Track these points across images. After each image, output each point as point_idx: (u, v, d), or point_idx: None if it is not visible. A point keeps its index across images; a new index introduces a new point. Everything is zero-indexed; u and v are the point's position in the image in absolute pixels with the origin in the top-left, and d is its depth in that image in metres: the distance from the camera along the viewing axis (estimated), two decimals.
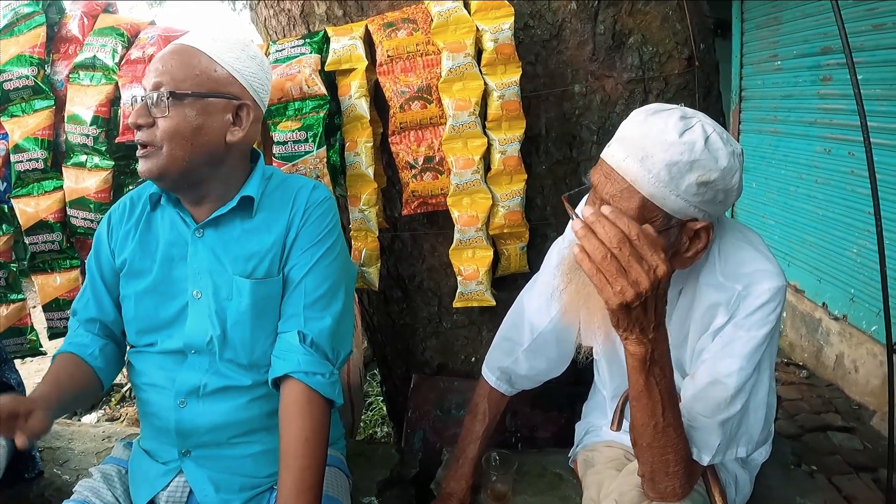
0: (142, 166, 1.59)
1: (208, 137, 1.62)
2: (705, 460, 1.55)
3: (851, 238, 4.54)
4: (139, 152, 1.59)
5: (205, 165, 1.63)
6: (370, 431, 3.89)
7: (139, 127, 1.58)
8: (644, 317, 1.32)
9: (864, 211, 4.30)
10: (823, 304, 4.87)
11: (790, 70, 5.28)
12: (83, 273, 2.51)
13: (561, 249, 1.93)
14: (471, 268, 2.28)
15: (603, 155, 1.52)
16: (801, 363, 5.07)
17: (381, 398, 3.92)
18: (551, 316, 1.90)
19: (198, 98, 1.60)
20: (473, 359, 2.60)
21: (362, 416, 3.94)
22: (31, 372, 5.30)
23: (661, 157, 1.40)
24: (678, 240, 1.51)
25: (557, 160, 2.39)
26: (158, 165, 1.58)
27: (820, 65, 4.86)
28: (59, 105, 2.45)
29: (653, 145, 1.41)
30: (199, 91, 1.61)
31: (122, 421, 4.24)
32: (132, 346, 1.79)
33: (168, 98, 1.57)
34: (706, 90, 2.41)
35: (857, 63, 2.38)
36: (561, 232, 2.01)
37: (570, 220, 1.62)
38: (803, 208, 5.16)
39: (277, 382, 1.63)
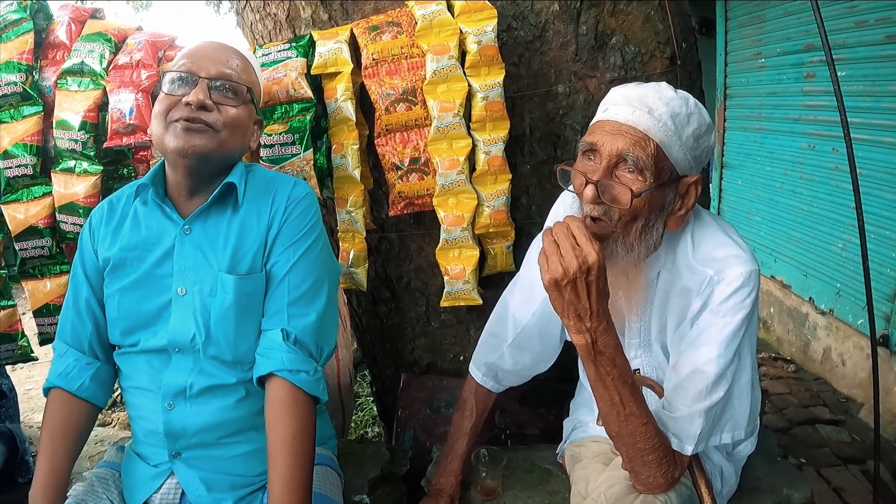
0: (188, 140, 1.60)
1: (247, 139, 1.76)
2: (688, 449, 1.58)
3: (836, 233, 4.57)
4: (185, 125, 1.60)
5: (230, 161, 1.72)
6: (361, 432, 3.90)
7: (203, 106, 1.61)
8: (577, 301, 1.44)
9: (849, 206, 4.30)
10: (810, 298, 4.90)
11: (774, 68, 5.31)
12: None
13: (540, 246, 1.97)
14: (457, 267, 2.30)
15: (603, 117, 1.59)
16: (788, 357, 5.10)
17: (372, 398, 3.93)
18: (533, 310, 1.94)
19: (253, 103, 1.76)
20: (462, 357, 2.62)
21: (353, 417, 3.95)
22: (22, 378, 5.28)
23: (665, 109, 1.52)
24: (674, 197, 1.59)
25: (542, 160, 2.41)
26: (211, 145, 1.63)
27: (803, 62, 4.90)
28: (48, 111, 2.44)
29: (654, 100, 1.53)
30: (256, 97, 1.77)
31: (114, 425, 4.23)
32: (118, 348, 1.79)
33: (248, 92, 1.70)
34: (688, 89, 2.41)
35: (839, 60, 2.42)
36: None
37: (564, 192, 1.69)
38: (789, 204, 5.19)
39: (262, 381, 1.64)
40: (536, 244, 2.01)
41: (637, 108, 1.53)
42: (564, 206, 1.90)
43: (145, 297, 1.70)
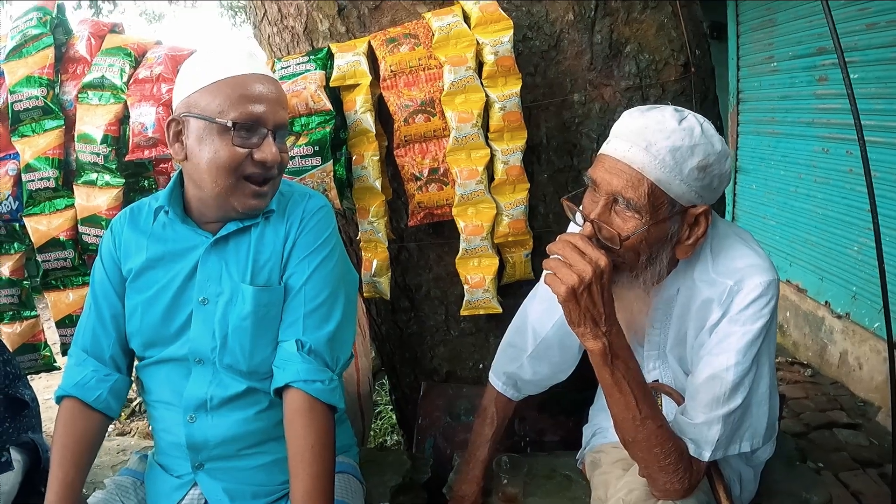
0: (259, 202, 1.65)
1: None
2: (706, 455, 1.58)
3: (852, 236, 4.56)
4: (258, 189, 1.63)
5: None
6: (380, 440, 3.90)
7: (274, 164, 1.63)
8: (592, 306, 1.46)
9: (864, 209, 4.29)
10: (826, 302, 4.89)
11: (786, 71, 5.31)
12: None
13: None
14: (477, 276, 2.31)
15: (603, 151, 1.59)
16: (805, 362, 5.08)
17: (391, 407, 3.93)
18: (553, 321, 1.93)
19: None
20: (481, 365, 2.62)
21: (372, 425, 3.95)
22: (41, 388, 5.29)
23: (664, 144, 1.49)
24: (680, 227, 1.58)
25: (559, 168, 2.43)
26: (272, 197, 1.69)
27: (815, 65, 4.89)
28: (69, 124, 2.46)
29: (654, 133, 1.50)
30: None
31: (134, 435, 4.26)
32: (140, 360, 1.80)
33: (294, 136, 1.73)
34: (703, 95, 2.44)
35: (851, 62, 2.42)
36: None
37: (571, 222, 1.69)
38: (803, 208, 5.17)
39: (280, 392, 1.64)
40: None
41: (635, 143, 1.51)
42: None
43: (169, 312, 1.71)
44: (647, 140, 1.50)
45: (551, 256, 1.52)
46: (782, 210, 5.52)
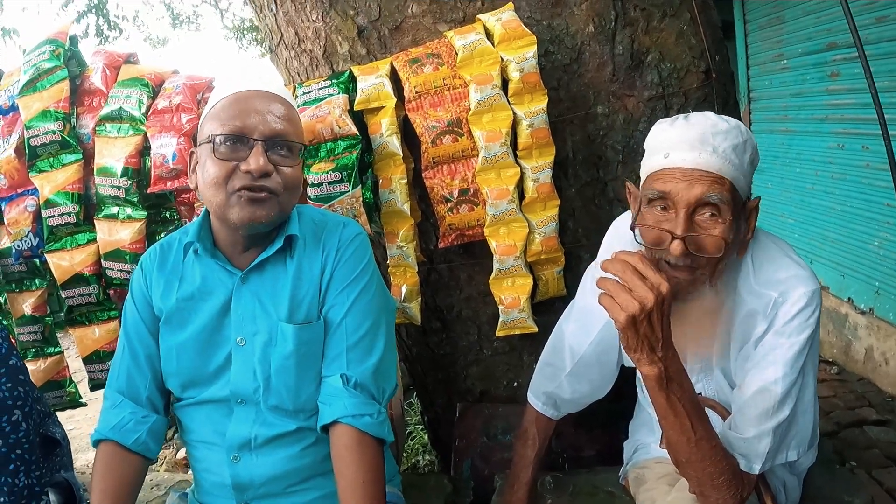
0: (253, 213, 1.54)
1: (301, 186, 1.69)
2: (756, 469, 1.58)
3: (872, 231, 4.54)
4: (250, 195, 1.54)
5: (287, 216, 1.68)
6: (412, 460, 3.87)
7: (266, 174, 1.55)
8: (651, 333, 1.42)
9: (883, 203, 4.31)
10: (849, 298, 4.86)
11: (797, 68, 5.31)
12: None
13: (594, 274, 1.95)
14: (511, 296, 2.29)
15: (667, 165, 1.57)
16: (830, 360, 5.04)
17: (421, 427, 3.91)
18: (590, 339, 1.92)
19: (304, 149, 1.69)
20: (516, 383, 2.59)
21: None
22: (62, 419, 5.26)
23: (726, 144, 1.52)
24: (743, 223, 1.61)
25: (585, 182, 2.40)
26: (275, 212, 1.59)
27: (826, 61, 4.89)
28: (87, 158, 2.44)
29: (715, 136, 1.53)
30: (303, 143, 1.69)
31: (162, 465, 4.23)
32: (178, 400, 1.76)
33: (302, 149, 1.64)
34: (724, 101, 2.43)
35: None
36: (594, 253, 2.02)
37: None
38: (821, 205, 5.16)
39: (326, 428, 1.61)
40: (590, 273, 2.00)
41: (701, 149, 1.52)
42: (618, 238, 1.89)
43: (205, 353, 1.68)
44: (712, 144, 1.52)
45: (606, 275, 1.47)
46: (800, 208, 5.52)
